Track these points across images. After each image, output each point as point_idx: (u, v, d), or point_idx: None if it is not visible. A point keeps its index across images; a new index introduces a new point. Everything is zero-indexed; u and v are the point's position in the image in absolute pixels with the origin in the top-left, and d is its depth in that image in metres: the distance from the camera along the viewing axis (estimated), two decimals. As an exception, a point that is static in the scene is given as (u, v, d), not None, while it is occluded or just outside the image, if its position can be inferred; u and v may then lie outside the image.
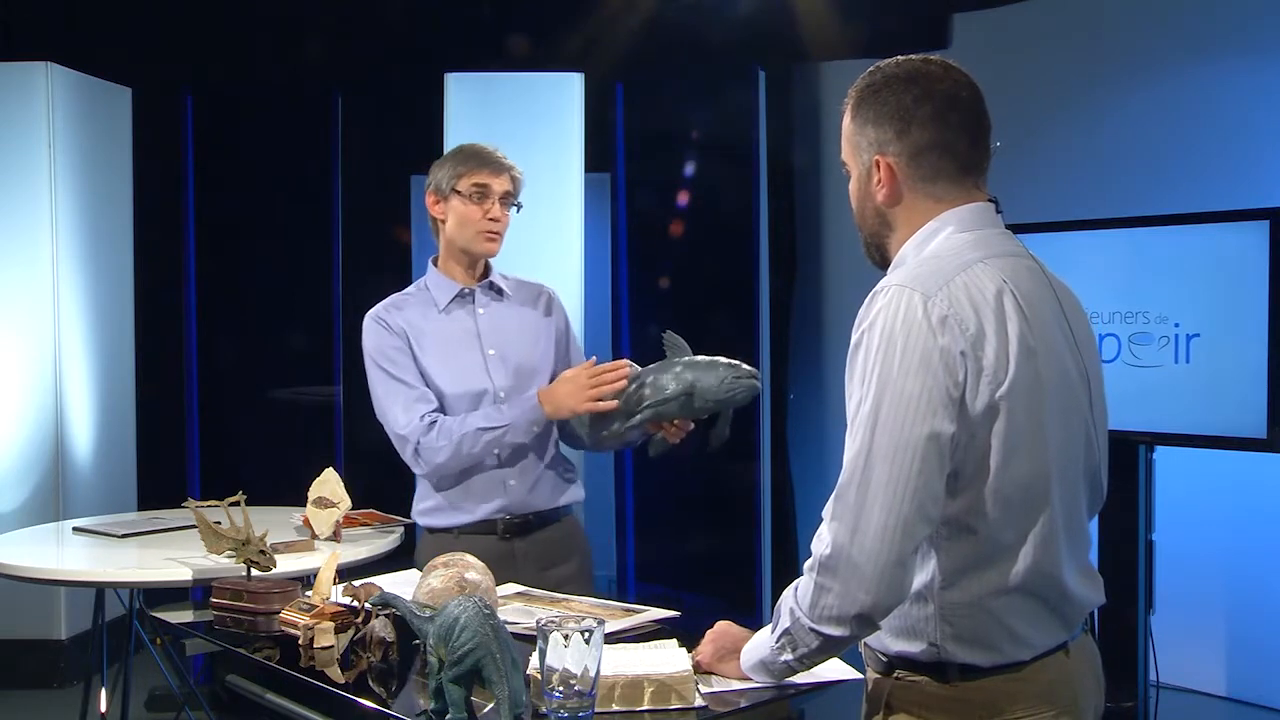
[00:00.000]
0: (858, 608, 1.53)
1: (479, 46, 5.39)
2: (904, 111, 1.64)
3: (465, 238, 2.77)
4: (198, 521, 2.73)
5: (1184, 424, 3.73)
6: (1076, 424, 1.65)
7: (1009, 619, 1.58)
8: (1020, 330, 1.55)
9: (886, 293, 1.56)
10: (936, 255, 1.62)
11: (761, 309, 5.38)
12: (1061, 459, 1.60)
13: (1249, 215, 3.66)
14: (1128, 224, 3.93)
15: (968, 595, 1.57)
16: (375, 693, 1.88)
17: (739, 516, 5.37)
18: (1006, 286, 1.58)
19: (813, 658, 1.65)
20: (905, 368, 1.51)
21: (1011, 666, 1.59)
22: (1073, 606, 1.64)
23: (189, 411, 5.54)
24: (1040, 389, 1.56)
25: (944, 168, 1.64)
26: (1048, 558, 1.58)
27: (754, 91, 5.38)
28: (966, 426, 1.53)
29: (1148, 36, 4.82)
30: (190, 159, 5.56)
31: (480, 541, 2.68)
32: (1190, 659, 4.57)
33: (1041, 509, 1.57)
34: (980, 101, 1.67)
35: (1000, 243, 1.65)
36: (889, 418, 1.51)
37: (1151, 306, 3.81)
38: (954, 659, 1.59)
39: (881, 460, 1.51)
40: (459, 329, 2.77)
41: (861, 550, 1.51)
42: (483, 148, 2.81)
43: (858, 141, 1.69)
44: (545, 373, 2.81)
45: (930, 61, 1.68)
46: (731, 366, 2.46)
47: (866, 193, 1.70)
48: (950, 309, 1.53)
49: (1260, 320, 3.56)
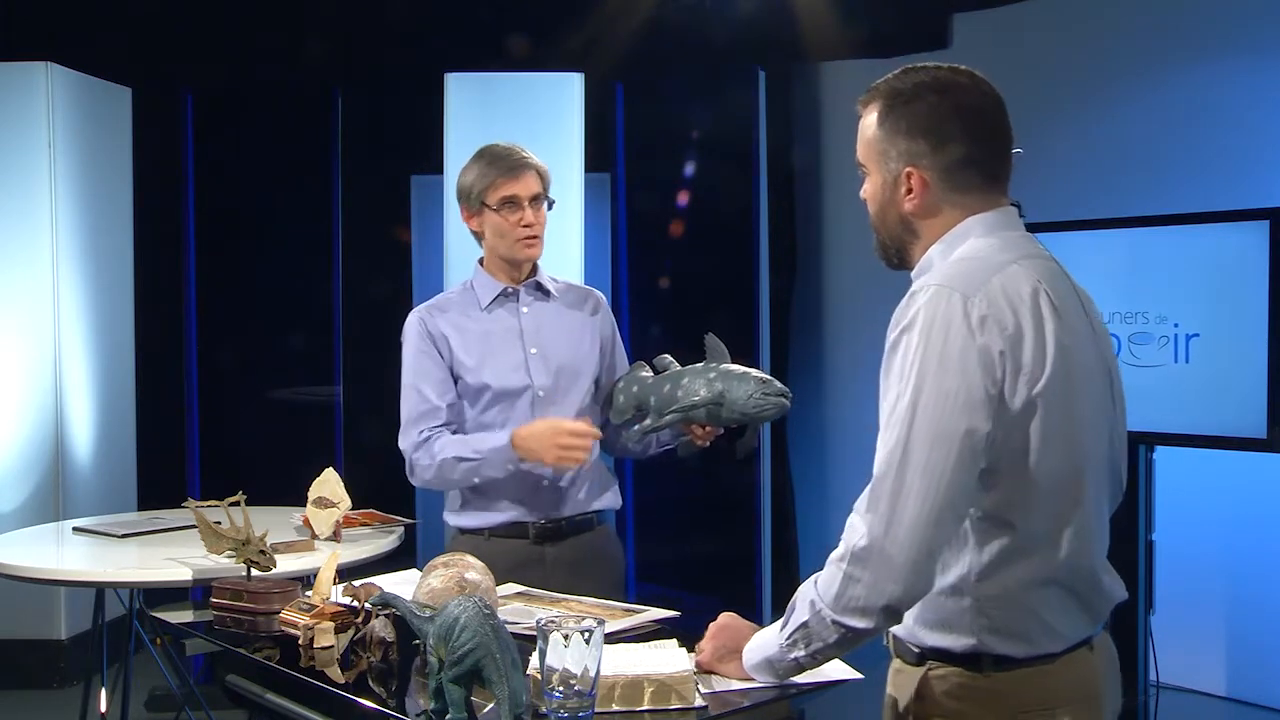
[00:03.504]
0: (886, 598, 1.56)
1: (479, 46, 5.39)
2: (939, 125, 1.66)
3: (505, 248, 2.75)
4: (198, 521, 2.73)
5: (1184, 424, 3.73)
6: (1101, 419, 1.69)
7: (1043, 610, 1.62)
8: (1055, 329, 1.59)
9: (926, 292, 1.60)
10: (970, 257, 1.65)
11: (761, 309, 5.38)
12: (1092, 453, 1.65)
13: (1249, 215, 3.66)
14: (1128, 224, 3.93)
15: (1003, 587, 1.60)
16: (375, 693, 1.88)
17: (739, 517, 5.36)
18: (1041, 286, 1.62)
19: (826, 653, 1.66)
20: (944, 365, 1.55)
21: (1043, 659, 1.63)
22: (1102, 598, 1.70)
23: (189, 412, 5.54)
24: (1072, 385, 1.61)
25: (975, 180, 1.69)
26: (1082, 549, 1.63)
27: (754, 91, 5.37)
28: (1003, 424, 1.56)
29: (1148, 36, 4.82)
30: (190, 159, 5.55)
31: (510, 545, 2.67)
32: (1190, 659, 4.57)
33: (1075, 502, 1.62)
34: (1005, 113, 1.71)
35: (1024, 245, 1.69)
36: (926, 412, 1.55)
37: (1151, 306, 3.81)
38: (990, 650, 1.62)
39: (918, 453, 1.55)
40: (501, 327, 2.76)
41: (895, 541, 1.54)
42: (501, 151, 2.75)
43: (885, 149, 1.71)
44: (588, 375, 2.78)
45: (959, 72, 1.70)
46: (763, 382, 2.43)
47: (891, 200, 1.72)
48: (989, 309, 1.56)
49: (1260, 320, 3.56)
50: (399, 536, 3.14)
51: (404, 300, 4.99)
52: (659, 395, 2.57)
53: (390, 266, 5.67)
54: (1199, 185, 4.48)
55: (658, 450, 2.80)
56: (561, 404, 2.73)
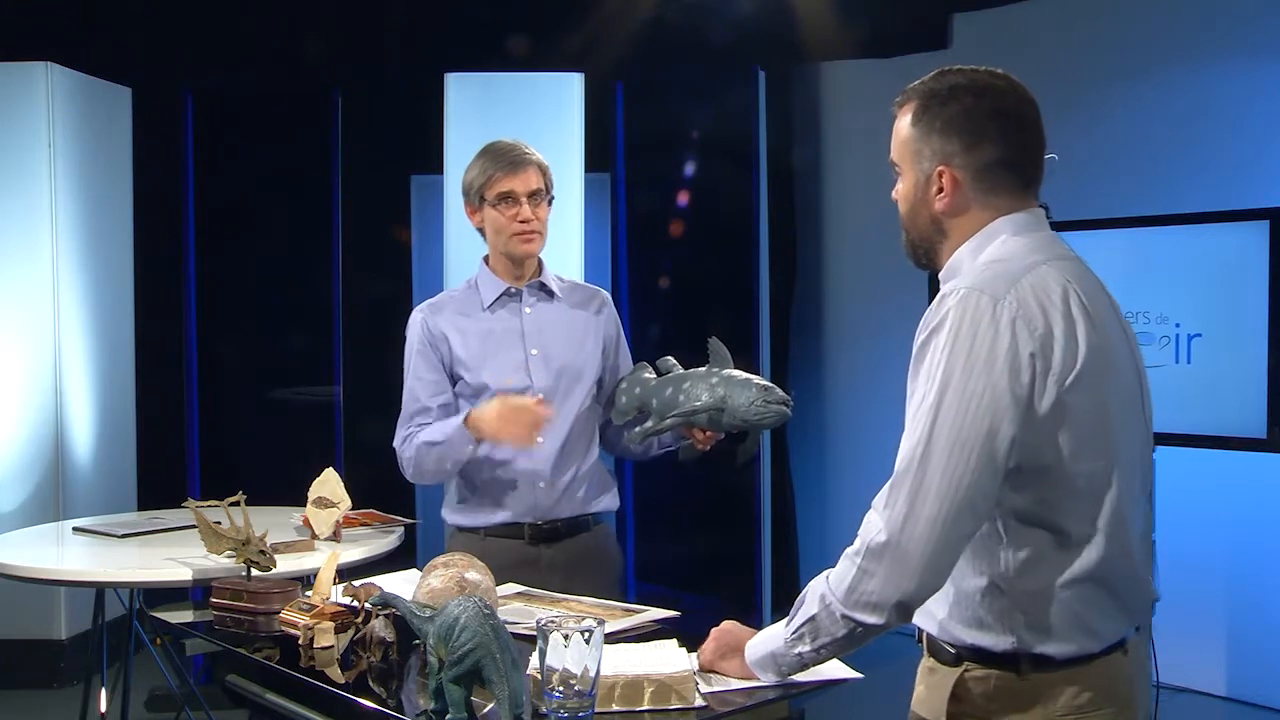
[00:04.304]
0: (899, 594, 1.57)
1: (479, 46, 5.39)
2: (973, 126, 1.68)
3: (503, 243, 2.75)
4: (198, 521, 2.72)
5: (1184, 424, 3.74)
6: (1134, 416, 1.70)
7: (1080, 608, 1.61)
8: (1086, 329, 1.60)
9: (956, 294, 1.60)
10: (999, 259, 1.66)
11: (761, 309, 5.38)
12: (1125, 450, 1.65)
13: (1249, 215, 3.67)
14: (1128, 224, 3.94)
15: (1040, 584, 1.61)
16: (375, 693, 1.88)
17: (739, 517, 5.36)
18: (1071, 286, 1.63)
19: (831, 649, 1.67)
20: (970, 366, 1.56)
21: (1080, 660, 1.63)
22: (1140, 596, 1.69)
23: (189, 412, 5.54)
24: (1104, 384, 1.61)
25: (1007, 182, 1.70)
26: (1118, 546, 1.63)
27: (754, 91, 5.37)
28: (1032, 425, 1.57)
29: (1148, 36, 4.82)
30: (190, 159, 5.55)
31: (507, 545, 2.68)
32: (1190, 659, 4.57)
33: (1110, 500, 1.62)
34: (1039, 118, 1.72)
35: (1053, 246, 1.70)
36: (950, 412, 1.56)
37: (1152, 306, 3.81)
38: (1029, 649, 1.62)
39: (939, 452, 1.56)
40: (502, 327, 2.76)
41: (912, 538, 1.56)
42: (501, 147, 2.75)
43: (919, 148, 1.72)
44: (589, 376, 2.78)
45: (996, 75, 1.72)
46: (765, 389, 2.43)
47: (923, 199, 1.73)
48: (1019, 310, 1.57)
49: (1260, 320, 3.56)
50: (399, 536, 3.14)
51: (404, 300, 4.99)
52: (661, 398, 2.57)
53: (390, 266, 5.67)
54: (1199, 185, 4.48)
55: (659, 452, 2.80)
56: (562, 405, 2.73)
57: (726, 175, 5.52)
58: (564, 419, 2.73)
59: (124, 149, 5.32)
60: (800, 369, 5.72)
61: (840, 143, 5.74)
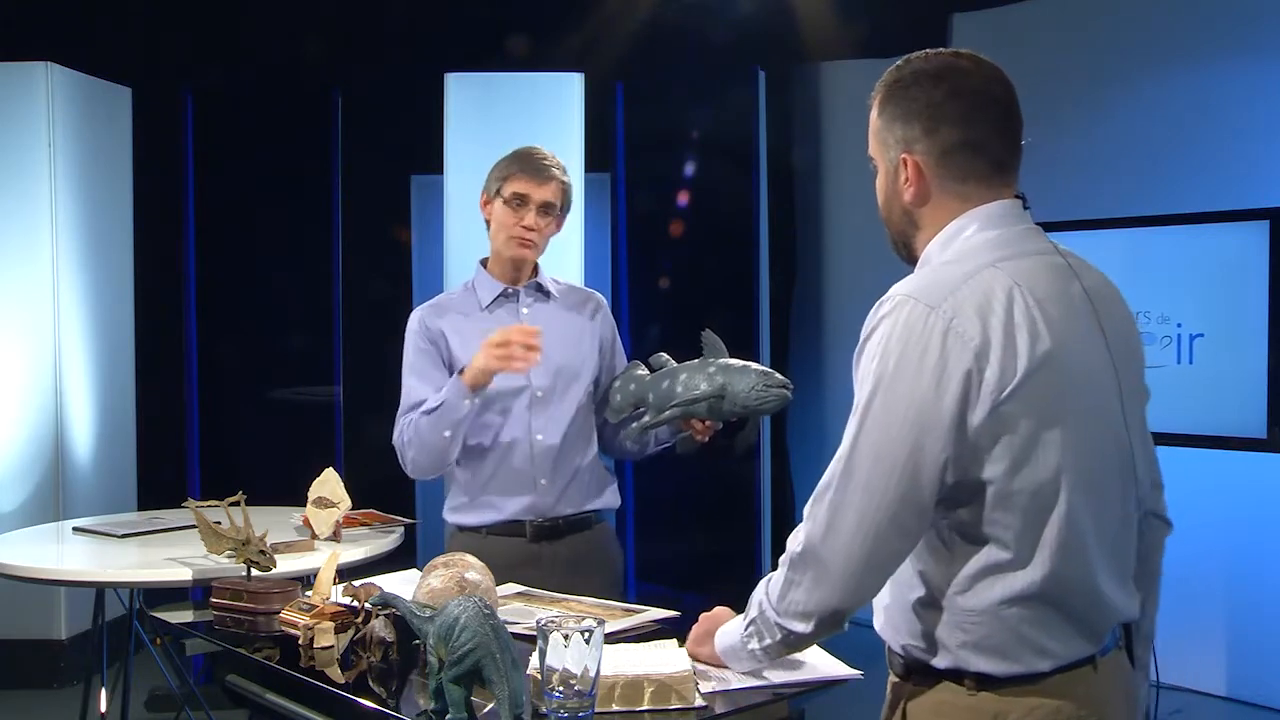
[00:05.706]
0: (822, 606, 1.55)
1: (479, 46, 5.39)
2: (932, 109, 1.59)
3: (499, 241, 2.76)
4: (198, 521, 2.72)
5: (1184, 424, 3.74)
6: (1102, 423, 1.59)
7: (1025, 627, 1.53)
8: (1031, 335, 1.50)
9: (892, 302, 1.54)
10: (953, 260, 1.58)
11: (761, 309, 5.38)
12: (1083, 461, 1.54)
13: (1249, 215, 3.67)
14: (1128, 224, 3.94)
15: (982, 602, 1.54)
16: (375, 693, 1.87)
17: (739, 516, 5.37)
18: (1018, 289, 1.52)
19: (776, 650, 1.67)
20: (895, 382, 1.50)
21: (1030, 678, 1.54)
22: (1103, 616, 1.59)
23: (189, 412, 5.54)
24: (1053, 393, 1.51)
25: (974, 167, 1.60)
26: (1069, 564, 1.53)
27: (754, 91, 5.38)
28: (965, 441, 1.49)
29: (1148, 36, 4.82)
30: (190, 159, 5.56)
31: (508, 543, 2.68)
32: (1190, 659, 4.57)
33: (1058, 514, 1.52)
34: (1012, 98, 1.62)
35: (1022, 241, 1.61)
36: (873, 426, 1.52)
37: (1154, 307, 3.81)
38: (969, 667, 1.55)
39: (861, 468, 1.52)
40: (500, 327, 2.74)
41: (832, 550, 1.53)
42: (534, 153, 2.76)
43: (885, 138, 1.65)
44: (586, 376, 2.79)
45: (961, 56, 1.63)
46: (764, 374, 2.43)
47: (894, 190, 1.66)
48: (953, 321, 1.49)
49: (1260, 320, 3.56)
50: (399, 536, 3.14)
51: (404, 300, 5.00)
52: (658, 392, 2.57)
53: (390, 266, 5.67)
54: (1199, 185, 4.48)
55: (656, 449, 2.80)
56: (559, 404, 2.74)
57: (726, 175, 5.52)
58: (563, 417, 2.73)
59: (124, 149, 5.32)
60: (800, 369, 5.72)
61: (840, 143, 5.74)
